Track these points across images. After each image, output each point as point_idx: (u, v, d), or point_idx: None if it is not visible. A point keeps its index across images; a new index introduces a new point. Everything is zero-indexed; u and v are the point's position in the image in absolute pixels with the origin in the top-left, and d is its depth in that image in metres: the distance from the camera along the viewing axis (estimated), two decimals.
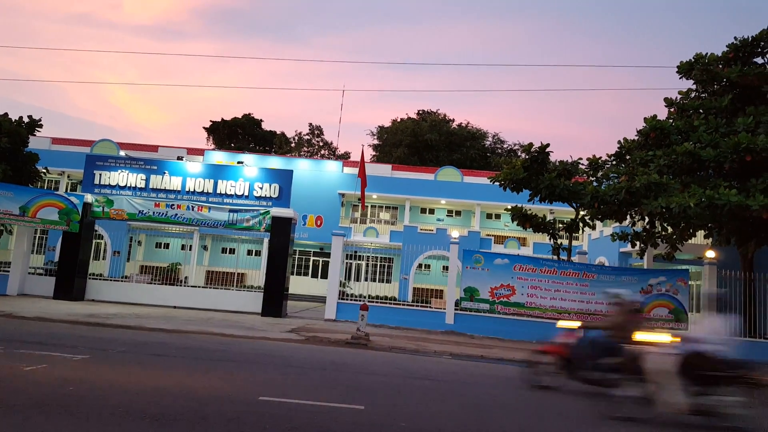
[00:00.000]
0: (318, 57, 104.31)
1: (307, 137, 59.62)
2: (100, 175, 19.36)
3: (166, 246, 34.38)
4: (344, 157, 55.00)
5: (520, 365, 12.50)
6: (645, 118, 16.88)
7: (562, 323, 9.75)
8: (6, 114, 21.44)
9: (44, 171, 23.17)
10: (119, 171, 19.38)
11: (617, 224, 20.21)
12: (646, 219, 16.76)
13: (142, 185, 19.30)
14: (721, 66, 17.05)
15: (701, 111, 17.07)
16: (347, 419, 6.27)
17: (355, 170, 32.37)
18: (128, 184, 19.33)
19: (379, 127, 57.81)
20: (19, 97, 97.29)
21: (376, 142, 57.71)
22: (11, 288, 18.88)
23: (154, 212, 19.09)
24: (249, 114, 59.57)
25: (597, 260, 24.41)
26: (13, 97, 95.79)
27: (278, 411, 6.34)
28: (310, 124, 61.66)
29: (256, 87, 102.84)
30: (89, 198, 19.14)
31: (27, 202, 18.55)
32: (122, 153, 31.52)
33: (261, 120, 60.28)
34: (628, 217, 17.19)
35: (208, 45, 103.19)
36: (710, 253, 17.66)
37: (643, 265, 20.30)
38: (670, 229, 17.18)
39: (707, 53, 17.12)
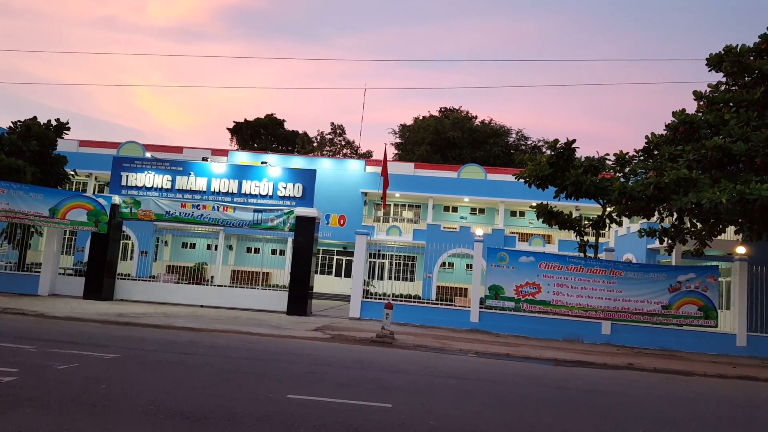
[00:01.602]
0: (340, 56, 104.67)
1: (329, 137, 59.85)
2: (127, 176, 19.71)
3: (192, 246, 34.88)
4: (366, 156, 55.09)
5: (548, 363, 12.37)
6: (674, 112, 16.50)
7: None
8: (35, 117, 21.98)
9: (72, 173, 23.71)
10: (146, 172, 19.71)
11: (645, 220, 19.82)
12: (675, 215, 16.40)
13: (168, 186, 19.59)
14: (752, 57, 16.54)
15: (732, 104, 16.58)
16: (376, 417, 6.26)
17: (378, 169, 32.40)
18: (155, 185, 19.64)
19: (401, 125, 57.73)
20: (47, 101, 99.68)
21: (398, 140, 57.64)
22: (42, 288, 19.33)
23: (180, 213, 19.37)
24: (272, 114, 60.10)
25: (624, 257, 24.02)
26: (41, 101, 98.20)
27: (307, 409, 6.36)
28: (332, 124, 61.86)
29: (278, 87, 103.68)
30: (117, 199, 19.50)
31: (56, 204, 18.96)
32: (148, 154, 32.09)
33: (283, 120, 60.76)
34: (656, 213, 16.84)
35: (230, 46, 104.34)
36: (741, 249, 17.25)
37: (671, 261, 19.90)
38: (699, 225, 16.78)
39: (738, 45, 16.63)
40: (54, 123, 22.29)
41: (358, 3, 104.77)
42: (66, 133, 22.74)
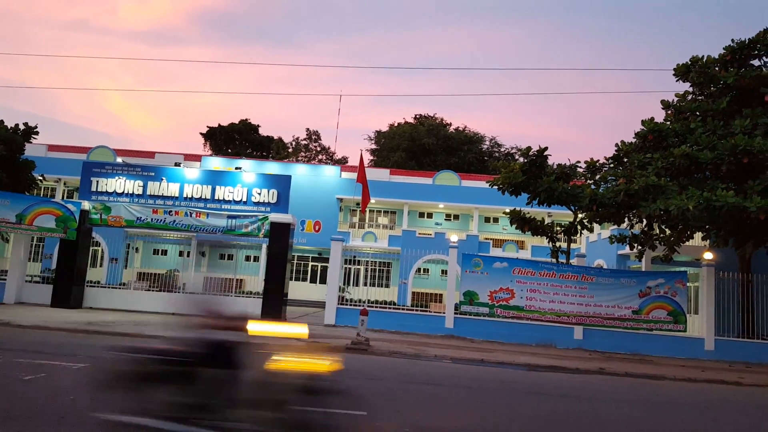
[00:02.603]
0: (315, 62, 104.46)
1: (304, 142, 59.63)
2: (97, 182, 19.31)
3: (164, 252, 34.27)
4: (342, 162, 54.99)
5: (522, 368, 12.49)
6: (643, 121, 16.93)
7: None
8: (2, 121, 21.38)
9: (40, 178, 23.10)
10: (116, 178, 19.33)
11: (615, 227, 20.25)
12: (644, 221, 16.78)
13: (140, 192, 19.25)
14: (717, 68, 17.11)
15: (698, 113, 17.12)
16: (350, 425, 6.23)
17: (353, 175, 32.36)
18: (125, 191, 19.27)
19: (377, 131, 57.82)
20: (14, 104, 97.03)
21: (373, 146, 57.72)
22: (8, 296, 18.76)
23: (152, 219, 19.03)
24: (246, 119, 59.56)
25: (595, 263, 24.44)
26: (8, 104, 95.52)
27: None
28: (308, 129, 61.62)
29: (252, 92, 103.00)
30: (86, 205, 19.08)
31: (23, 209, 18.47)
32: (119, 159, 31.46)
33: (258, 125, 60.28)
34: (626, 219, 17.22)
35: (204, 50, 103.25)
36: (708, 255, 17.68)
37: (641, 267, 20.32)
38: (668, 231, 17.20)
39: (704, 56, 17.20)
40: (22, 127, 21.72)
41: (333, 8, 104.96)
42: (34, 138, 22.17)
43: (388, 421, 6.57)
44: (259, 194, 19.30)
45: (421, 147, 51.57)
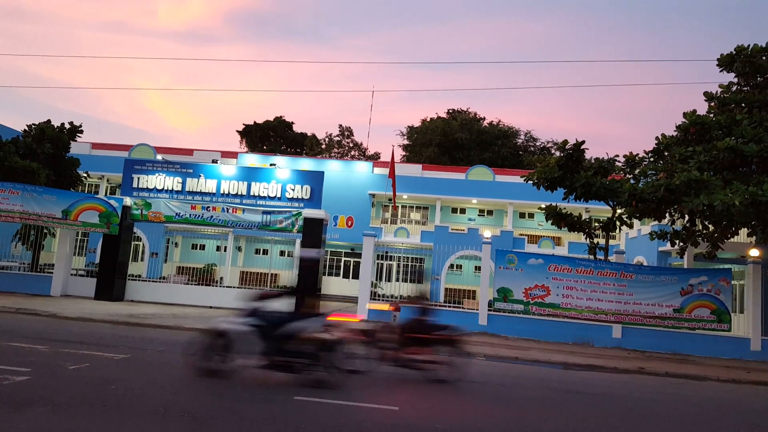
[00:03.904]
0: (347, 58, 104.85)
1: (337, 138, 60.02)
2: (138, 178, 19.87)
3: (202, 247, 35.06)
4: (374, 158, 55.14)
5: (557, 367, 12.28)
6: (685, 113, 16.33)
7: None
8: (49, 120, 22.21)
9: (85, 175, 23.94)
10: (156, 174, 19.85)
11: (656, 223, 19.65)
12: (686, 217, 16.21)
13: (179, 188, 19.72)
14: (765, 57, 16.35)
15: (744, 105, 16.40)
16: (382, 420, 6.25)
17: (385, 171, 32.41)
18: (165, 187, 19.78)
19: (409, 127, 57.74)
20: (59, 103, 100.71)
21: (406, 142, 57.67)
22: (55, 289, 19.52)
23: (190, 214, 19.49)
24: (280, 117, 60.36)
25: (635, 260, 23.82)
26: (53, 104, 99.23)
27: (313, 411, 6.36)
28: (340, 126, 62.13)
29: (287, 90, 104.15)
30: (128, 201, 19.66)
31: (69, 205, 19.16)
32: (159, 157, 32.33)
33: (292, 122, 61.01)
34: (668, 215, 16.67)
35: (239, 49, 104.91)
36: (754, 252, 17.04)
37: (683, 264, 19.69)
38: (711, 228, 16.58)
39: (750, 45, 16.45)
40: (67, 126, 22.53)
41: (365, 4, 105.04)
42: (79, 136, 22.95)
43: (419, 416, 6.56)
44: (293, 190, 19.53)
45: (453, 142, 51.19)
